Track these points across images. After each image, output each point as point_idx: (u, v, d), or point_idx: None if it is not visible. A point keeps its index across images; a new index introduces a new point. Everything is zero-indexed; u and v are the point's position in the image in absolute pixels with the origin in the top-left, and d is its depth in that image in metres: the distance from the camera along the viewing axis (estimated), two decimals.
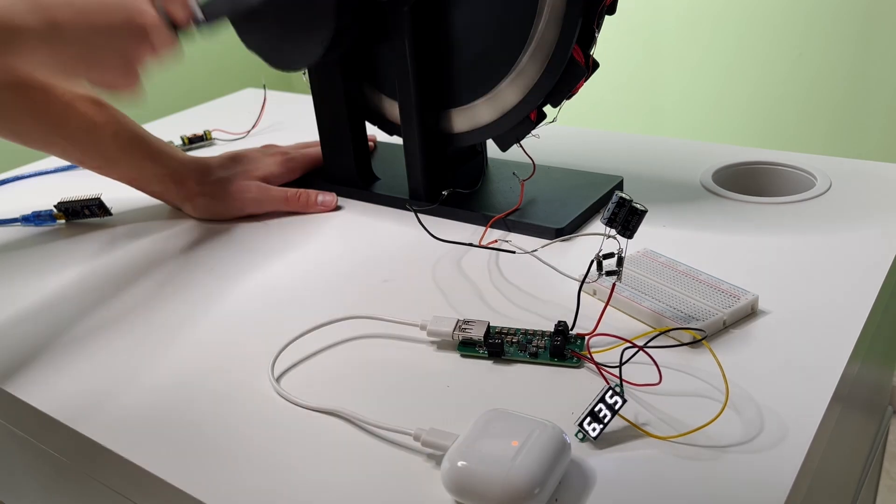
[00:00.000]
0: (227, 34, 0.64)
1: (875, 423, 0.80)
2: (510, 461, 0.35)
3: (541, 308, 0.51)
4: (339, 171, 0.71)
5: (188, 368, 0.48)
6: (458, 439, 0.37)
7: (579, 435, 0.39)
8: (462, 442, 0.37)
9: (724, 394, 0.41)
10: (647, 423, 0.40)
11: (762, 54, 1.45)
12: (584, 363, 0.45)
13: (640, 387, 0.42)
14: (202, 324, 0.53)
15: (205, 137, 0.88)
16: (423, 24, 0.60)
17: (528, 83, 0.57)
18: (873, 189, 0.64)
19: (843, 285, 0.51)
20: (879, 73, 1.35)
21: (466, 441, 0.37)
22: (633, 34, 1.56)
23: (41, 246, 0.67)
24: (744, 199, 0.64)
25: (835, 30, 1.36)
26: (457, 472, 0.35)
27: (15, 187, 0.81)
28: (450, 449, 0.37)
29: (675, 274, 0.52)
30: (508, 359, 0.46)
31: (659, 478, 0.37)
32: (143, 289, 0.59)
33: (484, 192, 0.67)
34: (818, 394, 0.41)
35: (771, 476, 0.36)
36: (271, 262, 0.61)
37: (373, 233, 0.64)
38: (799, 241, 0.57)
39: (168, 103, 1.26)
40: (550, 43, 0.55)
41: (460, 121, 0.63)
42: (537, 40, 0.55)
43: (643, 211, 0.44)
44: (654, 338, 0.43)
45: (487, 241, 0.60)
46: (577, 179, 0.68)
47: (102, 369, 0.49)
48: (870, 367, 0.59)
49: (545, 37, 0.55)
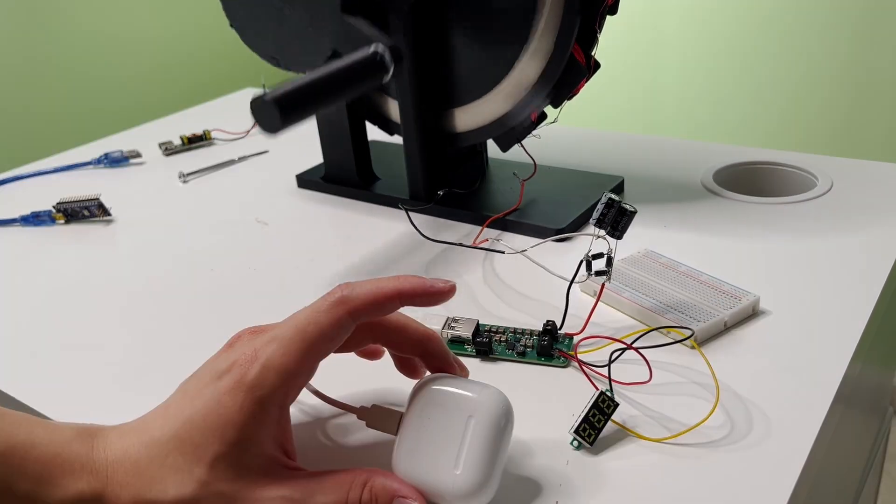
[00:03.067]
0: (227, 34, 0.64)
1: (876, 423, 0.80)
2: (452, 470, 0.34)
3: (533, 308, 0.51)
4: (339, 171, 0.71)
5: (188, 364, 0.48)
6: (399, 436, 0.36)
7: (574, 443, 0.39)
8: (402, 442, 0.36)
9: (716, 394, 0.41)
10: (641, 426, 0.40)
11: (763, 54, 1.45)
12: (570, 363, 0.45)
13: (629, 385, 0.42)
14: (202, 323, 0.53)
15: (204, 137, 0.88)
16: (424, 23, 0.59)
17: (528, 83, 0.57)
18: (875, 189, 0.64)
19: (844, 285, 0.51)
20: (881, 73, 1.35)
21: (407, 441, 0.36)
22: (634, 34, 1.55)
23: (40, 246, 0.67)
24: (745, 199, 0.64)
25: (836, 29, 1.36)
26: (406, 477, 0.35)
27: (14, 187, 0.81)
28: (393, 452, 0.36)
29: (676, 275, 0.51)
30: (496, 357, 0.46)
31: (658, 480, 0.37)
32: (142, 289, 0.58)
33: (484, 191, 0.67)
34: (820, 394, 0.41)
35: (773, 477, 0.36)
36: (272, 262, 0.61)
37: (372, 233, 0.64)
38: (800, 241, 0.57)
39: (168, 103, 1.26)
40: (550, 43, 0.55)
41: (460, 121, 0.62)
42: (537, 41, 0.55)
43: (632, 212, 0.44)
44: (641, 336, 0.43)
45: (482, 240, 0.60)
46: (577, 179, 0.67)
47: (102, 369, 0.49)
48: (871, 368, 0.59)
49: (545, 37, 0.55)
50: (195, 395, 0.35)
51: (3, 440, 0.34)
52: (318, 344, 0.35)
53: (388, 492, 0.34)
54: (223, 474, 0.33)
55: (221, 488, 0.33)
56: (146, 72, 1.53)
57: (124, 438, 0.35)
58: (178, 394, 0.36)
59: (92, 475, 0.34)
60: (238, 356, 0.35)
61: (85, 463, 0.34)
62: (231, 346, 0.38)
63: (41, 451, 0.34)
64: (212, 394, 0.34)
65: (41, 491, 0.33)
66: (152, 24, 1.53)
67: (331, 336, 0.35)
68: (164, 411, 0.36)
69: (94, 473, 0.34)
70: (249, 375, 0.34)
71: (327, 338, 0.35)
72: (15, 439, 0.34)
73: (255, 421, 0.34)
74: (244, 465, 0.33)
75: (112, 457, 0.34)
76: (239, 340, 0.38)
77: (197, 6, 1.58)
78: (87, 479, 0.34)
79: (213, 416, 0.34)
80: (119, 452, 0.34)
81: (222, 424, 0.33)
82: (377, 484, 0.34)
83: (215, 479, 0.33)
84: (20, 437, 0.34)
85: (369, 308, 0.36)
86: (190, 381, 0.37)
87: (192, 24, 1.59)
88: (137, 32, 1.50)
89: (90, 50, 1.43)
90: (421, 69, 0.61)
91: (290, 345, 0.34)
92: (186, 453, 0.33)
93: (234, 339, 0.38)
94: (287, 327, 0.35)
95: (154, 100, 1.53)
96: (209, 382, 0.35)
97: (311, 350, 0.35)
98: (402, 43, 0.60)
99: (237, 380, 0.34)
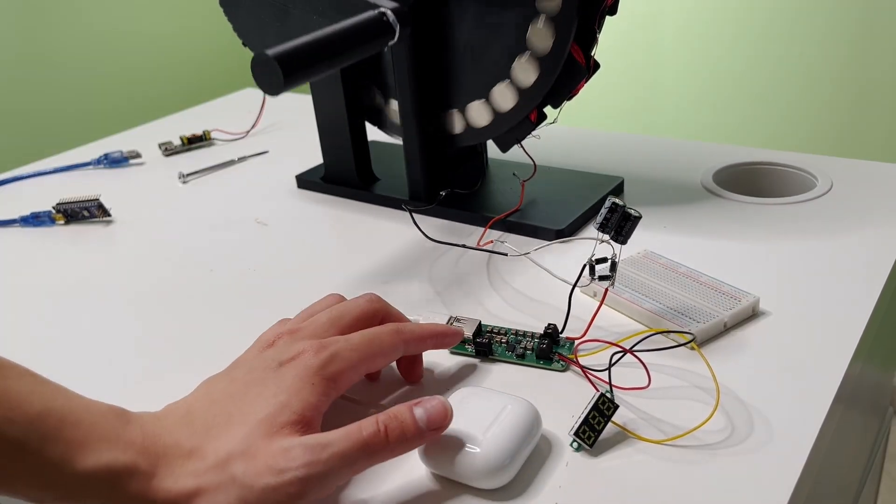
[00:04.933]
0: (227, 34, 0.64)
1: (876, 423, 0.80)
2: (482, 436, 0.37)
3: (536, 310, 0.51)
4: (339, 171, 0.70)
5: (188, 367, 0.48)
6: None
7: (574, 444, 0.39)
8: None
9: (716, 396, 0.41)
10: (640, 428, 0.40)
11: (763, 54, 1.45)
12: (569, 367, 0.45)
13: (627, 390, 0.42)
14: (202, 324, 0.53)
15: (204, 138, 0.88)
16: (423, 24, 0.59)
17: (527, 84, 0.57)
18: (875, 189, 0.64)
19: (844, 286, 0.51)
20: (881, 73, 1.35)
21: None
22: (634, 35, 1.55)
23: (40, 247, 0.67)
24: (745, 199, 0.64)
25: (835, 29, 1.36)
26: (431, 446, 0.37)
27: (14, 188, 0.81)
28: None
29: (676, 275, 0.51)
30: (496, 358, 0.46)
31: (658, 482, 0.37)
32: (141, 290, 0.58)
33: (484, 192, 0.67)
34: (820, 395, 0.41)
35: (773, 477, 0.36)
36: (271, 263, 0.61)
37: (373, 233, 0.64)
38: (800, 241, 0.57)
39: (168, 103, 1.26)
40: (549, 44, 0.55)
41: (460, 121, 0.62)
42: (536, 41, 0.55)
43: (637, 217, 0.43)
44: (641, 341, 0.43)
45: (486, 241, 0.60)
46: (577, 180, 0.67)
47: (102, 370, 0.49)
48: (871, 368, 0.59)
49: (544, 37, 0.55)
50: (250, 381, 0.38)
51: (42, 403, 0.34)
52: (378, 356, 0.40)
53: (403, 405, 0.36)
54: (260, 431, 0.35)
55: (253, 442, 0.34)
56: (146, 72, 1.53)
57: (161, 420, 0.37)
58: (221, 383, 0.39)
59: (128, 445, 0.35)
60: (304, 347, 0.38)
61: (121, 434, 0.35)
62: (272, 345, 0.40)
63: (78, 418, 0.35)
64: (275, 375, 0.37)
65: (74, 457, 0.33)
66: (152, 24, 1.53)
67: (386, 353, 0.41)
68: (207, 398, 0.38)
69: (130, 444, 0.35)
70: (320, 358, 0.37)
71: (384, 353, 0.41)
72: (53, 404, 0.34)
73: (315, 391, 0.36)
74: (280, 423, 0.35)
75: (149, 431, 0.36)
76: (280, 339, 0.41)
77: (197, 6, 1.58)
78: (122, 448, 0.34)
79: (273, 388, 0.37)
80: (158, 428, 0.36)
81: (278, 392, 0.36)
82: (392, 409, 0.36)
83: (252, 435, 0.34)
84: (58, 402, 0.35)
85: (418, 344, 0.43)
86: (235, 371, 0.39)
87: (192, 24, 1.59)
88: (137, 32, 1.50)
89: (90, 50, 1.43)
90: (421, 69, 0.61)
91: (359, 346, 0.39)
92: (233, 421, 0.36)
93: (273, 338, 0.41)
94: (355, 335, 0.40)
95: (154, 100, 1.53)
96: (269, 368, 0.38)
97: (372, 356, 0.40)
98: (402, 43, 0.60)
99: (306, 363, 0.37)
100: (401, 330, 0.42)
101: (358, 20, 0.54)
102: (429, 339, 0.43)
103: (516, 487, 0.37)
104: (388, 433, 0.35)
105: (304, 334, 0.40)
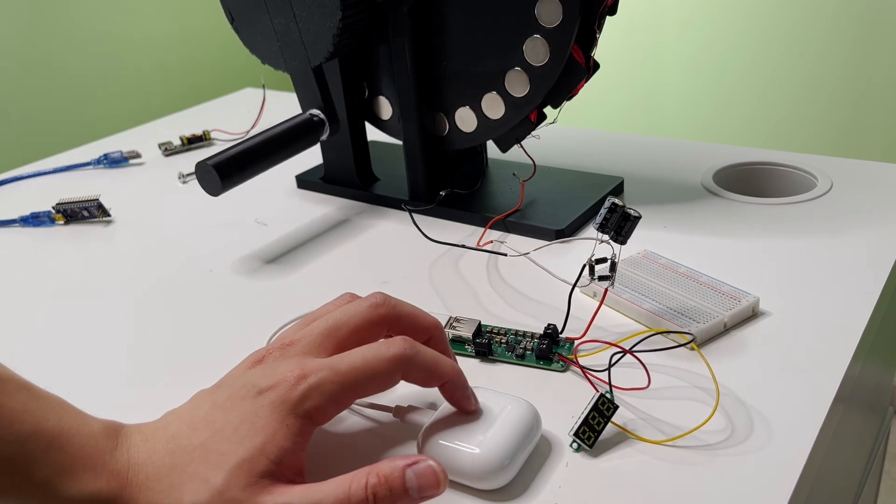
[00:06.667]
0: (227, 34, 0.64)
1: (876, 423, 0.80)
2: (482, 436, 0.37)
3: (535, 310, 0.51)
4: (339, 171, 0.70)
5: (187, 367, 0.48)
6: (434, 415, 0.39)
7: (574, 445, 0.39)
8: (437, 417, 0.39)
9: (716, 396, 0.41)
10: (640, 428, 0.40)
11: (763, 54, 1.45)
12: (569, 367, 0.45)
13: (627, 391, 0.42)
14: (202, 324, 0.53)
15: (204, 138, 0.88)
16: (423, 24, 0.59)
17: (526, 84, 0.57)
18: (875, 190, 0.64)
19: (844, 286, 0.51)
20: (881, 73, 1.35)
21: (441, 416, 0.39)
22: (634, 35, 1.55)
23: (40, 247, 0.67)
24: (744, 199, 0.64)
25: (836, 30, 1.36)
26: (431, 446, 0.37)
27: (13, 188, 0.81)
28: (426, 425, 0.38)
29: (676, 276, 0.51)
30: (495, 359, 0.46)
31: (658, 483, 0.37)
32: (141, 290, 0.58)
33: (484, 192, 0.67)
34: (820, 395, 0.41)
35: (773, 478, 0.36)
36: (271, 263, 0.61)
37: (373, 233, 0.64)
38: (800, 242, 0.57)
39: (168, 103, 1.26)
40: (548, 44, 0.55)
41: (460, 122, 0.62)
42: (535, 41, 0.55)
43: (636, 217, 0.43)
44: (641, 341, 0.43)
45: (486, 241, 0.60)
46: (577, 180, 0.67)
47: (102, 370, 0.49)
48: (871, 368, 0.59)
49: (543, 38, 0.55)
50: (229, 408, 0.35)
51: (33, 423, 0.33)
52: (368, 386, 0.36)
53: (395, 468, 0.33)
54: (238, 481, 0.33)
55: (234, 495, 0.33)
56: (146, 72, 1.53)
57: (149, 443, 0.35)
58: (205, 404, 0.36)
59: (112, 475, 0.34)
60: (284, 375, 0.35)
61: (107, 461, 0.34)
62: (261, 362, 0.38)
63: (67, 441, 0.34)
64: (251, 407, 0.35)
65: (59, 482, 0.33)
66: (152, 24, 1.53)
67: (379, 382, 0.37)
68: (191, 420, 0.36)
69: (114, 474, 0.34)
70: (298, 391, 0.34)
71: (376, 383, 0.36)
72: (44, 424, 0.34)
73: (290, 434, 0.34)
74: (259, 473, 0.33)
75: (135, 459, 0.34)
76: (269, 355, 0.38)
77: (197, 6, 1.58)
78: (106, 479, 0.34)
79: (247, 425, 0.34)
80: (143, 456, 0.35)
81: (253, 434, 0.34)
82: (383, 467, 0.33)
83: (231, 486, 0.33)
84: (49, 422, 0.34)
85: (423, 375, 0.38)
86: (218, 392, 0.37)
87: (192, 24, 1.59)
88: (138, 32, 1.50)
89: (90, 50, 1.43)
90: (420, 70, 0.61)
91: (347, 375, 0.35)
92: (209, 461, 0.33)
93: (264, 353, 0.38)
94: (346, 358, 0.36)
95: (154, 100, 1.53)
96: (247, 396, 0.35)
97: (360, 386, 0.36)
98: (402, 43, 0.60)
99: (282, 397, 0.34)
100: (405, 358, 0.37)
101: (290, 124, 0.61)
102: (435, 382, 0.38)
103: (516, 488, 0.37)
104: (377, 501, 0.33)
105: (294, 351, 0.37)
